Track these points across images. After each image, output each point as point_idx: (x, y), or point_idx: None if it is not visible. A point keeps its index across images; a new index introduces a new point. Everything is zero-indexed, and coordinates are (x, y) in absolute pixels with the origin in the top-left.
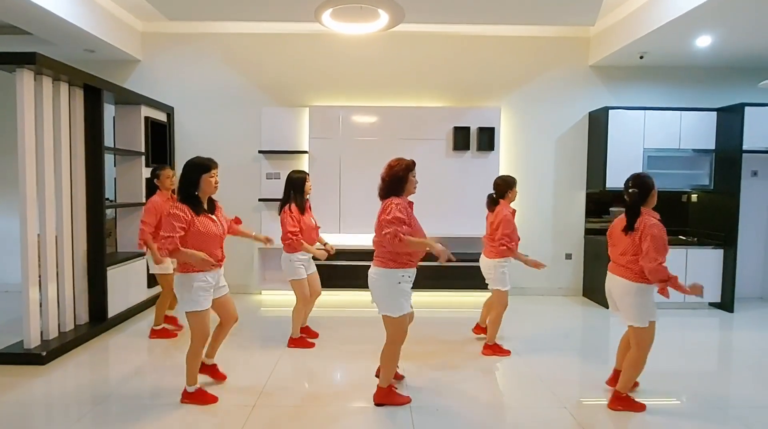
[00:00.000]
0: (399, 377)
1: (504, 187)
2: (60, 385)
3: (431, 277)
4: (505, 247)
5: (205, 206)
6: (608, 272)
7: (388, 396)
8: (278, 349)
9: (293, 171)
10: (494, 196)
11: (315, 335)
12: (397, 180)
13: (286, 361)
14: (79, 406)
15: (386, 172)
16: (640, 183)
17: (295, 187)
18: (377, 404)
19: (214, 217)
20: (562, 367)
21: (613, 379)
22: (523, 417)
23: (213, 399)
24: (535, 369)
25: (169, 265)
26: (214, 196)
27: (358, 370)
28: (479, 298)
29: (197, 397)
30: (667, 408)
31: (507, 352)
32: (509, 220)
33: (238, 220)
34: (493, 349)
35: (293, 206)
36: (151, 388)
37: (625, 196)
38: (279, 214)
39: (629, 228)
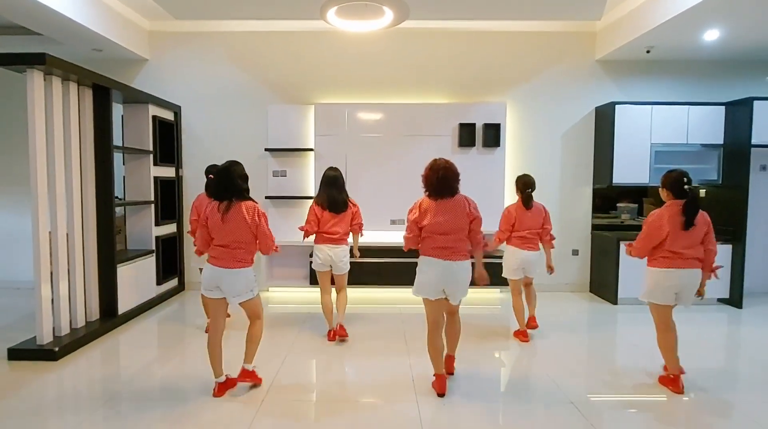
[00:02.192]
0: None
1: (535, 184)
2: (72, 381)
3: None
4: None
5: None
6: (677, 269)
7: None
8: (286, 345)
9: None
10: (531, 193)
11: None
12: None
13: (294, 357)
14: (91, 401)
15: (453, 169)
16: (690, 179)
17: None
18: None
19: None
20: (569, 362)
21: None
22: (530, 411)
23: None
24: (542, 364)
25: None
26: None
27: (364, 366)
28: (484, 295)
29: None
30: (675, 405)
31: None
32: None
33: None
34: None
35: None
36: (161, 382)
37: (676, 193)
38: (341, 211)
39: (691, 223)
